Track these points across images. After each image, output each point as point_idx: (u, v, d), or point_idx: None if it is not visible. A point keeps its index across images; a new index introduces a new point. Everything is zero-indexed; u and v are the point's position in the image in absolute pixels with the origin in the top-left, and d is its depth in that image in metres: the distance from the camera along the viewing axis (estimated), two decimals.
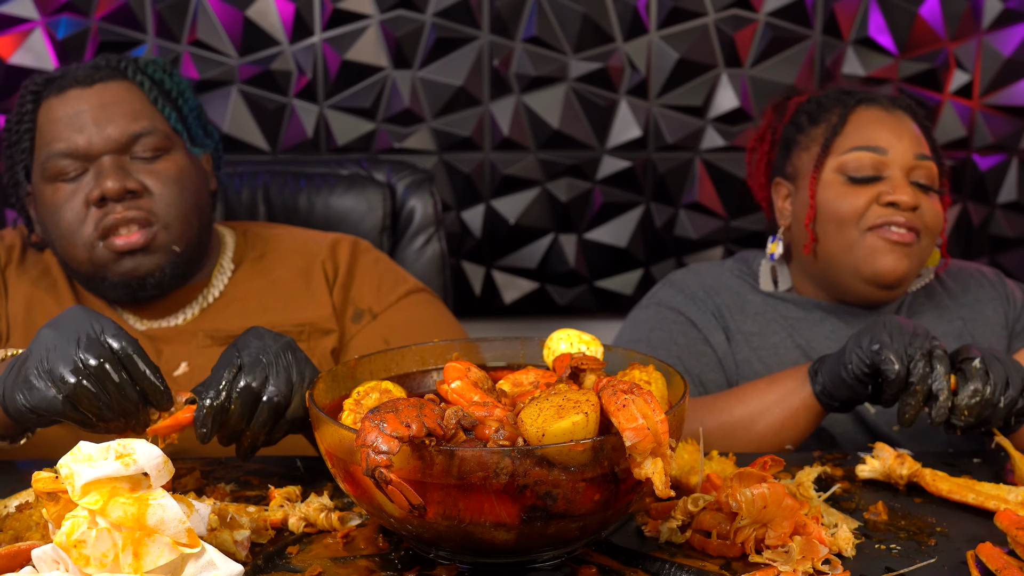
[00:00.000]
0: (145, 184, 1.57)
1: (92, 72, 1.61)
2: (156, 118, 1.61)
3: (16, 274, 1.67)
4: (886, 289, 1.65)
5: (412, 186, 2.09)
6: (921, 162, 1.66)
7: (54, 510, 0.96)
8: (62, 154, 1.56)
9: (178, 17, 2.33)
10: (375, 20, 2.35)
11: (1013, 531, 1.05)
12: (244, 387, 1.20)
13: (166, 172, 1.59)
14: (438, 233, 2.08)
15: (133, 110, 1.59)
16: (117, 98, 1.59)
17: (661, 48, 2.39)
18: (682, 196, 2.48)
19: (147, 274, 1.58)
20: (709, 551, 1.08)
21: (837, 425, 1.66)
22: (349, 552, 1.09)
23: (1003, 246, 2.52)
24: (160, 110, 1.62)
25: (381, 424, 0.91)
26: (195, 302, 1.67)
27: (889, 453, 1.27)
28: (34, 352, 1.16)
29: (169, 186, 1.59)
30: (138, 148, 1.58)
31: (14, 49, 2.31)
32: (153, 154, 1.59)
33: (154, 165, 1.59)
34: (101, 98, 1.58)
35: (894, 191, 1.62)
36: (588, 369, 1.07)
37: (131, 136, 1.57)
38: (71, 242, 1.57)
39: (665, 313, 1.73)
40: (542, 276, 2.52)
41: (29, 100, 1.61)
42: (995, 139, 2.45)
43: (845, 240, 1.65)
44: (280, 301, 1.68)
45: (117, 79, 1.61)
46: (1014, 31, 2.39)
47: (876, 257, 1.62)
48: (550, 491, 0.94)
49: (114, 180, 1.54)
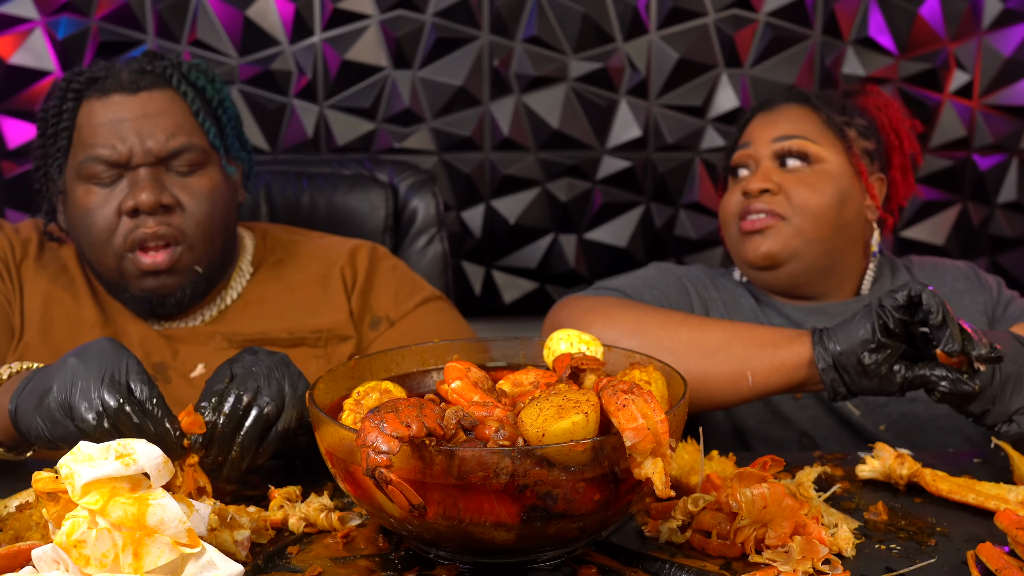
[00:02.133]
0: (178, 199, 1.57)
1: (137, 78, 1.59)
2: (196, 133, 1.60)
3: (33, 270, 1.66)
4: (765, 270, 1.71)
5: (414, 186, 2.09)
6: (783, 143, 1.72)
7: (54, 510, 0.96)
8: (100, 159, 1.55)
9: (178, 17, 2.33)
10: (375, 20, 2.35)
11: (1013, 531, 1.05)
12: (235, 399, 1.19)
13: (199, 188, 1.59)
14: (440, 233, 2.08)
15: (174, 123, 1.58)
16: (160, 109, 1.58)
17: (661, 48, 2.39)
18: (682, 196, 2.48)
19: (168, 294, 1.59)
20: (709, 551, 1.08)
21: (822, 429, 1.67)
22: (349, 552, 1.09)
23: (1003, 246, 2.52)
24: (200, 124, 1.62)
25: (381, 424, 0.91)
26: (213, 304, 1.67)
27: (889, 453, 1.27)
28: (57, 383, 1.15)
29: (200, 202, 1.59)
30: (175, 161, 1.58)
31: (14, 49, 2.31)
32: (189, 168, 1.59)
33: (188, 179, 1.59)
34: (144, 108, 1.57)
35: (748, 181, 1.72)
36: (588, 369, 1.07)
37: (171, 151, 1.57)
38: (101, 250, 1.57)
39: (664, 273, 1.80)
40: (542, 276, 2.52)
41: (71, 98, 1.59)
42: (995, 139, 2.45)
43: (730, 236, 1.77)
44: (298, 305, 1.68)
45: (161, 87, 1.60)
46: (1014, 31, 2.39)
47: (739, 246, 1.73)
48: (550, 491, 0.94)
49: (149, 193, 1.53)
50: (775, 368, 1.39)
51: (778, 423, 1.69)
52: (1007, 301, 1.75)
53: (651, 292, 1.72)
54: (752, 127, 1.78)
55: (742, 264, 1.75)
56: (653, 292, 1.72)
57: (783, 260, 1.69)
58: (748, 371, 1.40)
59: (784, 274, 1.71)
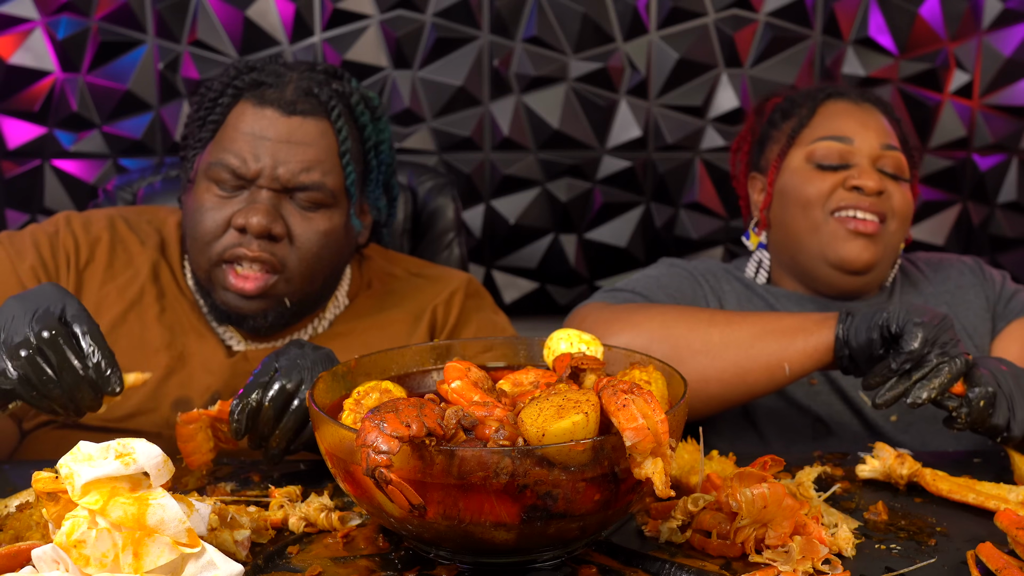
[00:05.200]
0: (291, 230, 1.53)
1: (298, 99, 1.54)
2: (332, 173, 1.55)
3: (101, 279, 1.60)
4: (854, 275, 1.67)
5: (434, 190, 2.06)
6: (887, 152, 1.70)
7: (54, 510, 0.96)
8: (228, 167, 1.52)
9: (178, 17, 2.33)
10: (375, 20, 2.35)
11: (1013, 531, 1.05)
12: (279, 389, 1.25)
13: (316, 227, 1.54)
14: (459, 238, 2.05)
15: (315, 158, 1.53)
16: (306, 139, 1.53)
17: (661, 48, 2.39)
18: (682, 196, 2.48)
19: (248, 315, 1.55)
20: (709, 551, 1.08)
21: (835, 415, 1.67)
22: (349, 552, 1.09)
23: (1003, 246, 2.53)
24: (343, 166, 1.57)
25: (381, 424, 0.91)
26: (303, 331, 1.63)
27: (889, 453, 1.27)
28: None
29: (312, 241, 1.54)
30: (301, 195, 1.53)
31: (14, 49, 2.31)
32: (312, 205, 1.54)
33: (309, 214, 1.54)
34: (292, 134, 1.52)
35: (859, 176, 1.66)
36: (588, 369, 1.07)
37: (299, 184, 1.52)
38: (200, 250, 1.55)
39: (676, 270, 1.78)
40: (542, 276, 2.52)
41: (230, 93, 1.56)
42: (995, 139, 2.45)
43: (809, 222, 1.68)
44: (385, 343, 1.61)
45: (317, 116, 1.55)
46: (1014, 31, 2.39)
47: (840, 243, 1.66)
48: (550, 491, 0.94)
49: (262, 217, 1.50)
50: (808, 354, 1.43)
51: (792, 409, 1.69)
52: (1009, 295, 1.75)
53: (665, 291, 1.71)
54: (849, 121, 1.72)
55: (828, 259, 1.68)
56: (667, 291, 1.71)
57: (874, 267, 1.68)
58: (784, 361, 1.45)
59: (862, 280, 1.69)
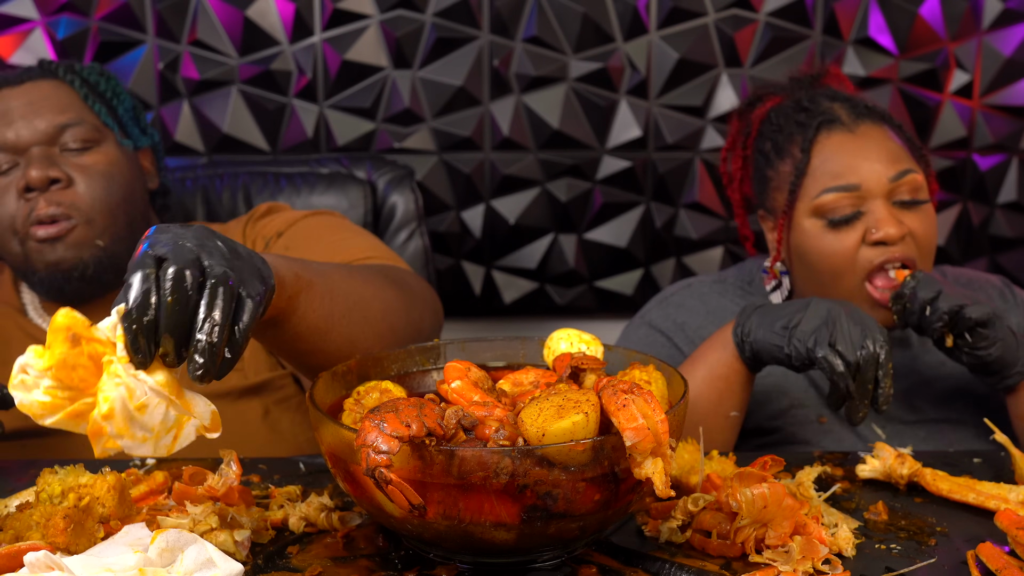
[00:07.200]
0: (71, 175, 1.59)
1: (22, 74, 1.65)
2: (85, 112, 1.64)
3: None
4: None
5: (393, 183, 2.10)
6: (899, 181, 1.58)
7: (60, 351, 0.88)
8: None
9: (178, 17, 2.33)
10: (375, 20, 2.35)
11: (1013, 531, 1.05)
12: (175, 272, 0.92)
13: (94, 165, 1.61)
14: (420, 229, 2.09)
15: (61, 104, 1.62)
16: (45, 94, 1.63)
17: (661, 48, 2.39)
18: (682, 196, 2.48)
19: (71, 268, 1.59)
20: (709, 551, 1.08)
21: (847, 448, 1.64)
22: (349, 552, 1.09)
23: (1003, 246, 2.52)
24: (90, 106, 1.65)
25: (381, 424, 0.91)
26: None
27: (889, 453, 1.27)
28: None
29: (96, 179, 1.61)
30: (67, 138, 1.60)
31: (14, 49, 2.31)
32: (82, 145, 1.61)
33: (82, 157, 1.61)
34: (29, 95, 1.62)
35: (878, 227, 1.55)
36: (588, 369, 1.07)
37: (58, 127, 1.60)
38: (6, 237, 1.60)
39: (654, 336, 1.73)
40: (542, 276, 2.52)
41: None
42: (995, 139, 2.45)
43: (843, 291, 1.59)
44: None
45: (47, 78, 1.65)
46: (1014, 31, 2.39)
47: (879, 311, 1.57)
48: (550, 491, 0.94)
49: (38, 169, 1.56)
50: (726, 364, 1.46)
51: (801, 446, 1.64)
52: None
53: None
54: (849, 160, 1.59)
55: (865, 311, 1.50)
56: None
57: None
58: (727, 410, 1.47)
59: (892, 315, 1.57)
